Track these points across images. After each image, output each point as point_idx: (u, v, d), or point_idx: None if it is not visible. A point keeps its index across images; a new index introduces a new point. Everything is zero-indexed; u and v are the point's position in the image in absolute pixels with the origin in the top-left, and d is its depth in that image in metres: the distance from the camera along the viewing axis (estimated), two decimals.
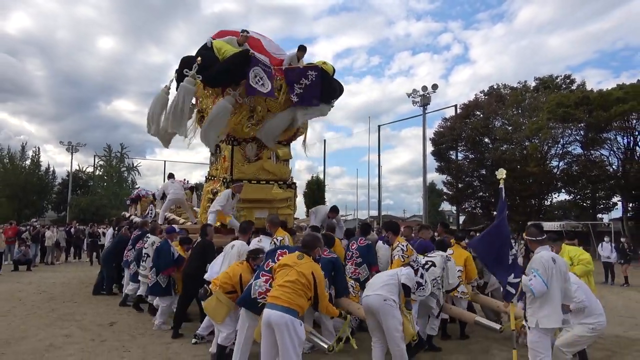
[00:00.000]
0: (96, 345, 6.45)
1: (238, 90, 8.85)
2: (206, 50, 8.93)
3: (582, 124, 27.16)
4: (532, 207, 30.17)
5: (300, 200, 38.73)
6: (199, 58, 8.79)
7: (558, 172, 29.55)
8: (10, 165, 39.00)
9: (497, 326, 5.88)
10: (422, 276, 5.79)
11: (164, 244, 7.92)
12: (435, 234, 8.91)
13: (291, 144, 10.49)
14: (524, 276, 4.54)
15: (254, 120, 9.32)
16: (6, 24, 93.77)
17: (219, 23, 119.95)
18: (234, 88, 8.88)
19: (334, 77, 9.93)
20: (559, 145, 29.32)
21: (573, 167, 29.07)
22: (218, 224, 8.96)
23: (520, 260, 5.31)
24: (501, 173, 5.13)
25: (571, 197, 30.91)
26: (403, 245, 5.99)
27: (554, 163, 30.03)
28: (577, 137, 28.81)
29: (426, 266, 6.21)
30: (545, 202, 31.33)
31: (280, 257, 4.82)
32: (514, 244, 5.52)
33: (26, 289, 11.62)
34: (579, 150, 29.44)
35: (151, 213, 14.66)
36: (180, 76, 8.86)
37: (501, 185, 5.10)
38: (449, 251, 7.00)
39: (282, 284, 4.26)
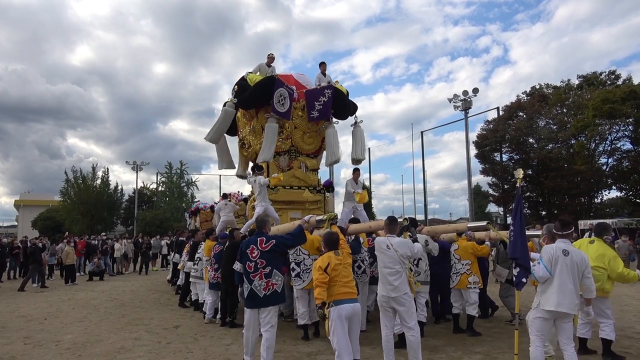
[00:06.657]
0: (162, 347, 6.88)
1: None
2: (242, 81, 10.85)
3: (631, 119, 26.41)
4: (581, 205, 29.41)
5: None
6: (236, 86, 10.88)
7: (607, 169, 28.73)
8: (83, 185, 41.43)
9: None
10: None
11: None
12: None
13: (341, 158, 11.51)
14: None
15: (283, 135, 10.76)
16: (72, 57, 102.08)
17: (262, 42, 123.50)
18: (267, 110, 10.32)
19: (348, 97, 11.48)
20: (607, 142, 28.52)
21: (623, 163, 28.19)
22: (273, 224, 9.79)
23: None
24: (519, 173, 5.43)
25: (623, 193, 29.81)
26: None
27: (603, 160, 29.20)
28: (626, 133, 27.91)
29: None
30: (596, 199, 30.34)
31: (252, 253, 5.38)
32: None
33: (99, 297, 12.61)
34: (628, 146, 28.50)
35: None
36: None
37: (518, 185, 5.48)
38: (455, 246, 7.60)
39: (346, 282, 4.91)
